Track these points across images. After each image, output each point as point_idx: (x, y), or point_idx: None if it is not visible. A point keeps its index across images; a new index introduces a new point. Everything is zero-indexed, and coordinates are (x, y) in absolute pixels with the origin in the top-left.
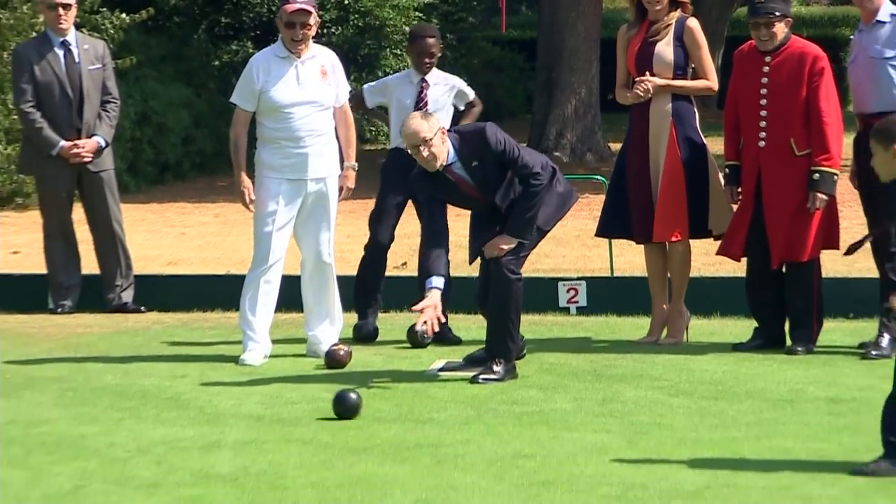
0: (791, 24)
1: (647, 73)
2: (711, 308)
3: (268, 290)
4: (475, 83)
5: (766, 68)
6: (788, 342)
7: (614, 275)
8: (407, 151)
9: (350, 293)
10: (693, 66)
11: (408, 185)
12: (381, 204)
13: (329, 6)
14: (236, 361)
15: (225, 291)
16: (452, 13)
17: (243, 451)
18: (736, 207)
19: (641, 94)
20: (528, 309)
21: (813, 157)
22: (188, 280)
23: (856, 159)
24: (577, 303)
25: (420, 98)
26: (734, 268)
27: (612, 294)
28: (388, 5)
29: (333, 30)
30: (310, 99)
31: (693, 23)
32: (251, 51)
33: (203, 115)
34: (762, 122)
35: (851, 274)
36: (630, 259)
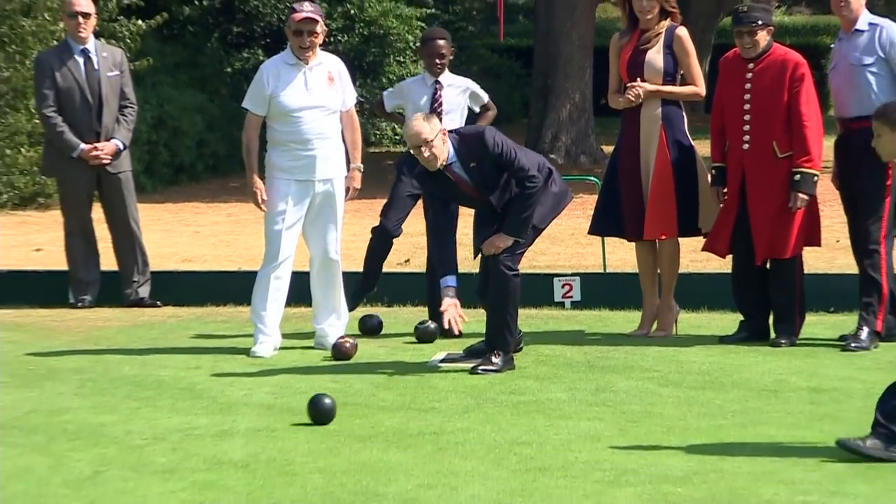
0: (773, 32)
1: (639, 79)
2: (699, 302)
3: (278, 286)
4: None
5: (749, 74)
6: (772, 335)
7: (607, 271)
8: None
9: (354, 289)
10: (682, 72)
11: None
12: (394, 194)
13: (336, 16)
14: (248, 353)
15: (237, 287)
16: (453, 22)
17: (254, 439)
18: (721, 207)
19: (633, 99)
20: (524, 303)
21: (794, 159)
22: (202, 276)
23: (836, 161)
24: (571, 297)
25: (435, 99)
26: (721, 264)
27: (605, 289)
28: (391, 15)
29: (340, 38)
30: (317, 104)
31: (682, 31)
32: (262, 58)
33: (216, 120)
34: (746, 126)
35: (832, 270)
36: (622, 256)
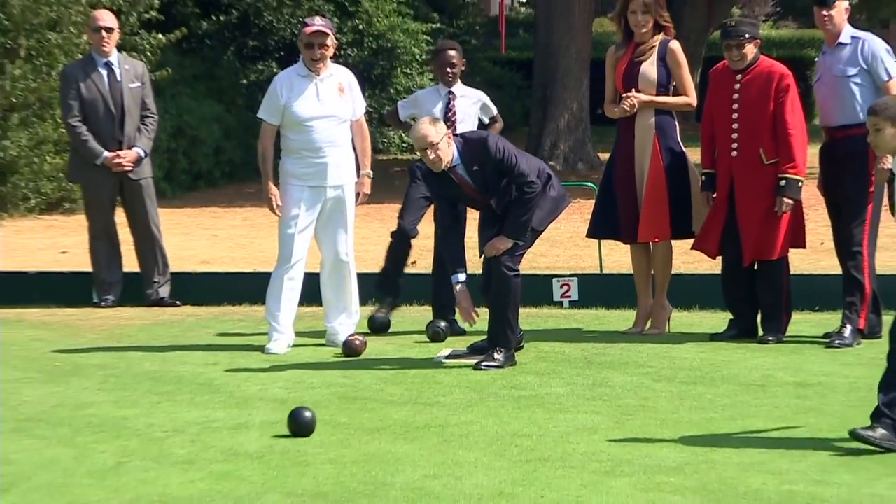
0: (760, 45)
1: (633, 89)
2: (691, 302)
3: (291, 286)
4: None
5: (737, 85)
6: (760, 332)
7: (603, 272)
8: None
9: (367, 289)
10: (674, 83)
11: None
12: (408, 196)
13: (346, 30)
14: (262, 350)
15: (252, 287)
16: (457, 36)
17: (269, 431)
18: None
19: (628, 108)
20: (525, 303)
21: (780, 165)
22: (219, 277)
23: (822, 168)
24: (569, 297)
25: (448, 108)
26: (711, 266)
27: (602, 289)
28: (399, 30)
29: (350, 52)
30: (328, 113)
31: (675, 45)
32: (275, 70)
33: (232, 129)
34: (734, 134)
35: (817, 271)
36: (617, 258)
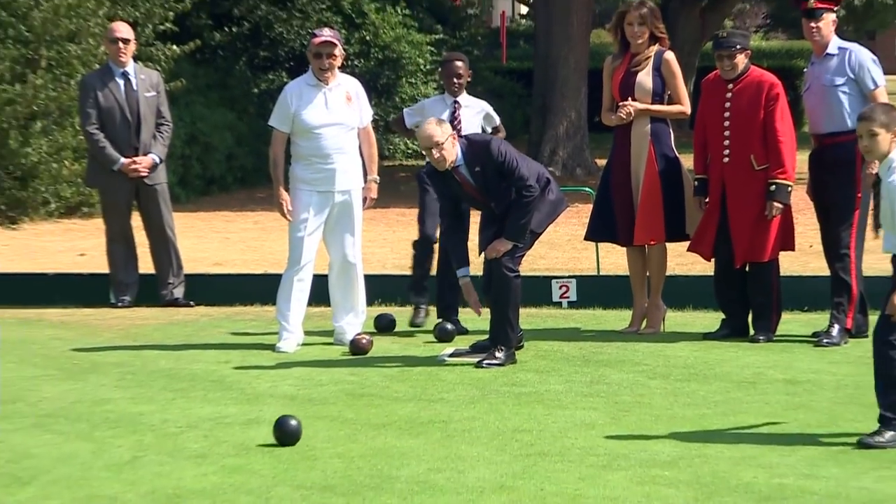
0: (750, 55)
1: (630, 98)
2: (685, 302)
3: (300, 287)
4: None
5: (729, 94)
6: (751, 332)
7: (600, 273)
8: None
9: (373, 290)
10: (669, 92)
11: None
12: (423, 203)
13: (353, 41)
14: (273, 349)
15: (263, 289)
16: (460, 47)
17: None
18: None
19: (624, 116)
20: (525, 303)
21: (770, 171)
22: (231, 279)
23: (811, 174)
24: (568, 298)
25: (454, 117)
26: (705, 268)
27: (599, 290)
28: (404, 41)
29: (357, 62)
30: (336, 121)
31: (669, 55)
32: (286, 80)
33: (244, 136)
34: (726, 141)
35: (806, 273)
36: (614, 260)
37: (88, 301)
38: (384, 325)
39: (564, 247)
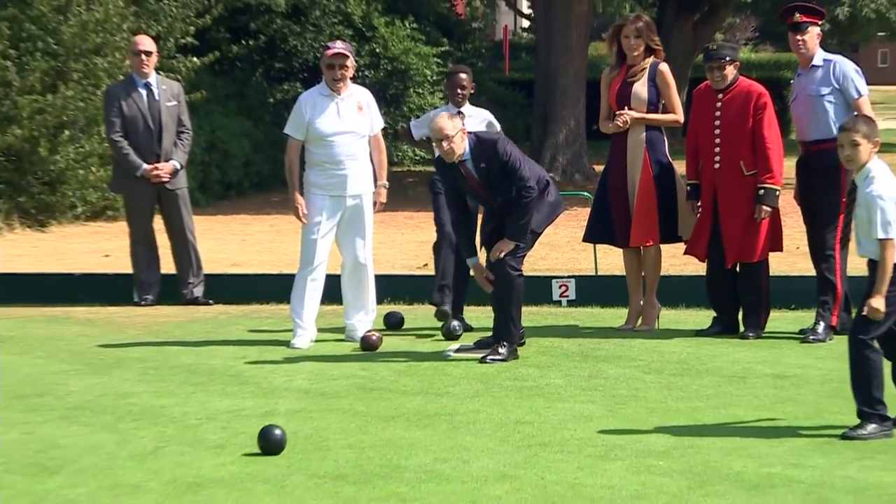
0: (739, 67)
1: (626, 107)
2: (678, 301)
3: (314, 287)
4: None
5: (719, 104)
6: (742, 329)
7: (598, 273)
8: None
9: (383, 289)
10: (663, 102)
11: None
12: (437, 206)
13: (364, 53)
14: (288, 345)
15: (278, 288)
16: (465, 59)
17: (293, 419)
18: (698, 217)
19: (621, 125)
20: (526, 302)
21: (759, 176)
22: (248, 278)
23: (798, 179)
24: (567, 297)
25: None
26: (697, 268)
27: (597, 290)
28: (412, 53)
29: (367, 73)
30: (348, 129)
31: (664, 67)
32: (300, 90)
33: (260, 144)
34: (717, 148)
35: (793, 273)
36: (611, 261)
37: (113, 300)
38: (393, 323)
39: (564, 248)
